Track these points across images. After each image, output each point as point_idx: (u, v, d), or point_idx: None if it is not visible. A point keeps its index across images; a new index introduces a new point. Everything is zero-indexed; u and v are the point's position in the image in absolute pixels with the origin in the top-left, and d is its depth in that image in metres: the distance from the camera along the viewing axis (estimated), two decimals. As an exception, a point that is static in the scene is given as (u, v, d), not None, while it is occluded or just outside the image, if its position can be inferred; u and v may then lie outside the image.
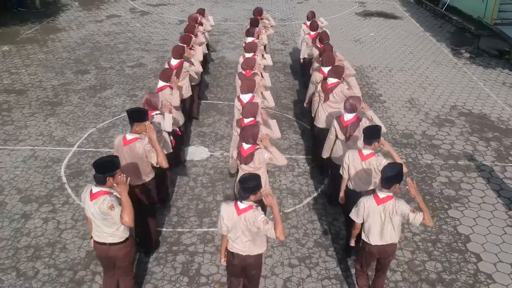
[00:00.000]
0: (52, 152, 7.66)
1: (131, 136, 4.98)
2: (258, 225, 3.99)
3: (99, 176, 4.05)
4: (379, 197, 4.36)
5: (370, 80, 10.94)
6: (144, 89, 10.03)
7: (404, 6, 18.05)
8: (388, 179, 4.27)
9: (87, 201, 4.15)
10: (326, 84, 6.68)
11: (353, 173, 5.24)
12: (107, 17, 15.26)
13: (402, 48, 13.22)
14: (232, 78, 10.79)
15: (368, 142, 5.08)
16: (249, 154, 4.98)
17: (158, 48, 12.56)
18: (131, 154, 4.98)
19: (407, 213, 4.22)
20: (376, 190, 4.46)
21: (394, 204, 4.29)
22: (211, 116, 9.01)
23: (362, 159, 5.12)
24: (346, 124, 5.81)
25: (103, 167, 4.04)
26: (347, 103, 5.80)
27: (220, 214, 4.18)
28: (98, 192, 4.08)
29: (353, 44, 13.50)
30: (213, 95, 9.93)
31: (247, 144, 5.00)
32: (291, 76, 11.12)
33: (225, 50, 12.72)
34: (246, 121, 5.51)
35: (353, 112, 5.78)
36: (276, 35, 14.02)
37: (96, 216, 4.14)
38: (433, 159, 7.85)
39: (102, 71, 10.95)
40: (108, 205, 3.99)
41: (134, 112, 5.01)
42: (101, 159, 4.10)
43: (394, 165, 4.43)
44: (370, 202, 4.42)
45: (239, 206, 4.07)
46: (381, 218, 4.39)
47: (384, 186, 4.32)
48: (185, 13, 15.95)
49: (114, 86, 10.16)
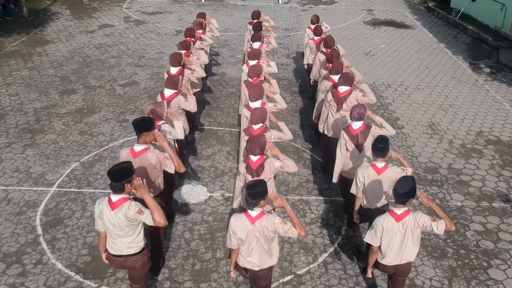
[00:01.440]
0: (28, 193, 6.67)
1: (139, 147, 4.80)
2: (275, 228, 3.99)
3: (116, 184, 3.95)
4: (397, 214, 4.20)
5: (385, 101, 9.96)
6: (136, 113, 9.04)
7: (414, 14, 17.08)
8: (403, 196, 4.14)
9: (107, 212, 4.01)
10: (337, 92, 6.44)
11: (368, 190, 5.03)
12: (99, 27, 14.27)
13: (416, 62, 12.24)
14: (234, 99, 9.82)
15: (381, 154, 4.90)
16: (259, 166, 4.82)
17: (153, 63, 11.57)
18: (142, 166, 4.79)
19: (429, 224, 4.16)
20: (390, 207, 4.28)
21: (413, 217, 4.20)
22: (210, 146, 8.03)
23: (378, 173, 4.93)
24: (355, 133, 5.61)
25: (119, 175, 3.95)
26: (354, 112, 5.60)
27: (230, 230, 4.06)
28: (119, 200, 3.98)
29: (364, 57, 12.52)
30: (213, 120, 8.95)
31: (255, 155, 4.80)
32: (298, 95, 10.14)
33: (226, 65, 11.73)
34: (256, 127, 5.40)
35: (361, 120, 5.61)
36: (280, 47, 13.04)
37: (120, 225, 4.02)
38: (463, 200, 6.88)
39: (90, 90, 9.96)
40: (136, 210, 3.93)
41: (141, 122, 4.80)
42: (115, 168, 3.99)
43: (406, 180, 4.21)
44: (388, 220, 4.23)
45: (251, 215, 4.00)
46: (401, 235, 4.24)
47: (400, 202, 4.19)
48: (182, 22, 14.98)
49: (103, 109, 9.17)
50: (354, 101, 6.31)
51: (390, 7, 17.94)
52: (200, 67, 7.61)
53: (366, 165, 5.09)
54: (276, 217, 4.04)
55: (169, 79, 6.29)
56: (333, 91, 6.52)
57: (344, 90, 6.40)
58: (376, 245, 4.34)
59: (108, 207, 4.00)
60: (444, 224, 4.14)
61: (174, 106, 6.26)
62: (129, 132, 8.31)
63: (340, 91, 6.43)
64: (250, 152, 4.79)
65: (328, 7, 17.66)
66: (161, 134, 4.92)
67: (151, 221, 3.95)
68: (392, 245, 4.27)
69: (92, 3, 17.05)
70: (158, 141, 4.80)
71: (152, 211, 3.92)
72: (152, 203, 3.96)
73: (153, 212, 3.92)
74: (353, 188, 5.17)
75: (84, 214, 6.28)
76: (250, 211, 4.01)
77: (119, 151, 5.12)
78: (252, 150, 4.76)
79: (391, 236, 4.23)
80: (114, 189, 3.98)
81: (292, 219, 4.01)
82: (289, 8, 17.31)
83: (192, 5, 17.17)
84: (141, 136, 4.76)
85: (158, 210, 3.93)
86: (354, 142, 5.63)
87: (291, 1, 18.37)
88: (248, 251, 4.12)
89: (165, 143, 4.82)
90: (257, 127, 5.40)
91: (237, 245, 4.11)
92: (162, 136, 4.88)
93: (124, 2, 17.33)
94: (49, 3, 16.83)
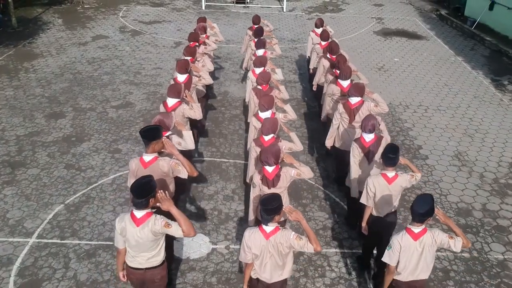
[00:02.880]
0: (2, 246, 5.76)
1: (149, 156, 4.71)
2: (290, 243, 3.92)
3: (141, 200, 3.85)
4: (415, 232, 4.11)
5: (404, 125, 9.06)
6: (130, 141, 8.14)
7: (426, 23, 16.18)
8: (423, 215, 4.00)
9: (131, 229, 3.92)
10: (349, 103, 6.32)
11: (378, 199, 4.92)
12: (92, 39, 13.35)
13: (434, 79, 11.34)
14: (238, 123, 8.93)
15: (392, 163, 4.80)
16: (275, 176, 4.74)
17: (150, 81, 10.66)
18: (154, 175, 4.37)
19: (446, 241, 4.10)
20: (408, 225, 4.18)
21: (431, 235, 4.12)
22: (212, 183, 7.12)
23: (389, 182, 4.85)
24: (368, 145, 5.51)
25: (143, 191, 3.85)
26: (368, 124, 5.46)
27: (244, 244, 3.98)
28: (144, 215, 3.91)
29: (377, 72, 11.62)
30: (215, 149, 8.04)
31: (270, 166, 4.71)
32: (310, 119, 9.24)
33: (228, 82, 10.82)
34: (267, 138, 5.32)
35: (373, 131, 5.50)
36: (286, 61, 12.16)
37: (144, 240, 3.94)
38: (505, 251, 5.98)
39: (80, 114, 9.05)
40: (163, 223, 3.88)
41: (149, 131, 4.66)
42: (138, 183, 3.87)
43: (426, 198, 4.03)
44: (405, 239, 4.12)
45: (265, 230, 3.92)
46: (418, 253, 4.14)
47: (418, 221, 4.07)
48: (182, 32, 14.07)
49: (93, 136, 8.26)
50: (367, 112, 6.18)
51: (401, 15, 17.03)
52: (207, 73, 7.46)
53: (376, 174, 4.96)
54: (291, 232, 3.95)
55: (171, 87, 6.09)
56: (344, 103, 6.36)
57: (356, 101, 6.28)
58: (393, 265, 4.21)
59: (132, 224, 3.90)
60: (461, 241, 4.10)
61: (179, 115, 6.05)
62: (121, 165, 7.41)
63: (351, 102, 6.30)
64: (266, 163, 4.69)
65: (335, 15, 16.76)
66: (169, 141, 4.85)
67: (180, 233, 3.88)
68: (408, 263, 4.18)
69: (86, 11, 16.14)
70: (167, 148, 4.73)
71: (180, 222, 3.87)
72: (179, 214, 3.90)
73: (181, 224, 3.86)
74: (364, 198, 5.02)
75: (66, 274, 5.37)
76: (265, 226, 3.91)
77: (129, 162, 4.89)
78: (267, 160, 4.67)
79: (408, 254, 4.14)
80: (139, 205, 3.87)
81: (308, 233, 3.92)
82: (294, 16, 16.41)
83: (192, 13, 16.27)
84: (150, 145, 4.66)
85: (186, 221, 3.88)
86: (365, 153, 5.52)
87: (296, 9, 17.48)
88: (262, 266, 4.06)
89: (174, 150, 4.76)
90: (268, 138, 5.33)
91: (251, 259, 4.03)
92: (171, 143, 4.82)
93: (120, 10, 16.42)
94: (40, 11, 15.92)
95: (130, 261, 4.15)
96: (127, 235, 3.96)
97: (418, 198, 4.06)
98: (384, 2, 18.92)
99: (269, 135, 5.33)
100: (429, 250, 4.14)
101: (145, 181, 3.90)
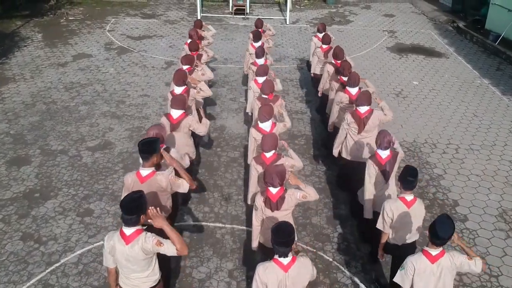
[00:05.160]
0: None
1: (146, 171, 4.49)
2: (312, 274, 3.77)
3: (131, 217, 3.64)
4: (432, 255, 3.84)
5: (434, 171, 7.63)
6: (105, 198, 6.72)
7: (443, 36, 14.75)
8: (444, 239, 3.75)
9: (120, 247, 3.69)
10: (358, 113, 6.13)
11: (397, 224, 4.66)
12: (73, 58, 11.91)
13: (461, 108, 9.91)
14: (237, 169, 7.51)
15: (411, 187, 4.54)
16: (279, 198, 4.43)
17: (134, 112, 9.23)
18: (151, 190, 4.48)
19: (466, 262, 3.89)
20: (424, 247, 3.92)
21: (450, 258, 3.87)
22: (204, 261, 5.67)
23: (408, 206, 4.59)
24: (384, 162, 5.27)
25: (135, 207, 3.65)
26: (384, 141, 5.22)
27: (259, 281, 3.62)
28: (134, 233, 3.69)
29: (395, 99, 10.20)
30: (208, 209, 6.58)
31: (275, 187, 4.40)
32: (321, 164, 7.80)
33: (225, 113, 9.38)
34: (268, 155, 5.10)
35: (389, 148, 5.27)
36: (291, 85, 10.75)
37: (135, 259, 3.72)
38: None
39: (49, 158, 7.62)
40: (154, 242, 3.67)
41: (149, 145, 4.46)
42: (128, 199, 3.67)
43: (449, 222, 3.74)
44: (421, 261, 3.85)
45: (282, 262, 3.60)
46: (435, 278, 3.87)
47: (437, 244, 3.80)
48: (174, 50, 12.64)
49: (61, 191, 6.82)
50: (377, 121, 6.13)
51: (415, 28, 15.60)
52: (205, 85, 7.20)
53: (394, 199, 4.80)
54: (309, 260, 3.75)
55: (175, 99, 5.89)
56: (353, 112, 6.16)
57: (365, 110, 6.08)
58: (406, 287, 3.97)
59: (122, 242, 3.70)
60: (481, 261, 3.93)
61: (185, 127, 5.91)
62: (91, 235, 5.98)
63: (361, 112, 6.09)
64: (270, 184, 4.39)
65: (343, 28, 15.32)
66: (167, 153, 4.69)
67: (174, 251, 3.72)
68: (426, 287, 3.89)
69: (70, 24, 14.71)
70: (168, 160, 4.59)
71: (174, 240, 3.70)
72: (172, 232, 3.73)
73: (174, 242, 3.70)
74: (380, 223, 4.75)
75: None
76: (282, 259, 3.61)
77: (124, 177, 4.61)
78: (272, 182, 4.37)
79: (424, 278, 3.88)
80: (129, 222, 3.68)
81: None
82: (299, 29, 14.97)
83: (185, 26, 14.82)
84: (149, 159, 4.47)
85: (179, 239, 3.72)
86: (382, 171, 5.27)
87: (300, 20, 16.05)
88: None
89: (174, 161, 4.63)
90: (270, 154, 5.09)
91: None
92: (170, 155, 4.67)
93: (108, 23, 14.98)
94: (20, 24, 14.49)
95: (124, 284, 3.92)
96: (116, 254, 3.76)
97: (440, 221, 3.79)
98: (395, 12, 17.50)
99: (271, 151, 5.08)
100: (447, 274, 3.92)
101: (136, 196, 3.71)
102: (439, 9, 17.68)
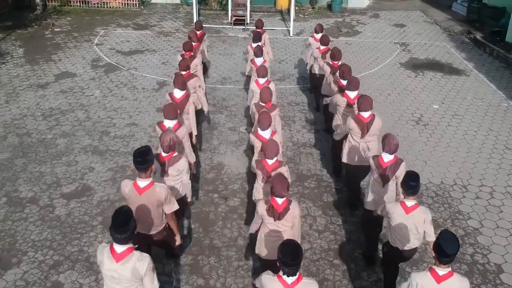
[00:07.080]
0: None
1: (144, 182, 4.42)
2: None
3: (124, 236, 3.52)
4: (439, 275, 3.67)
5: (468, 223, 6.49)
6: (78, 266, 5.56)
7: (460, 50, 13.59)
8: (451, 256, 3.62)
9: (109, 265, 3.59)
10: (361, 118, 6.06)
11: (396, 229, 4.62)
12: (56, 78, 10.75)
13: (490, 138, 8.76)
14: (237, 224, 6.37)
15: (413, 192, 4.51)
16: (284, 209, 4.38)
17: (119, 146, 8.08)
18: (149, 202, 4.44)
19: None
20: (432, 266, 3.76)
21: (459, 280, 3.69)
22: None
23: (407, 212, 4.54)
24: (385, 166, 5.22)
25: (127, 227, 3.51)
26: (391, 145, 5.16)
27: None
28: (126, 250, 3.57)
29: (415, 127, 9.05)
30: (203, 282, 5.42)
31: (281, 198, 4.35)
32: (338, 216, 6.65)
33: (224, 147, 8.23)
34: (271, 162, 5.13)
35: (395, 152, 5.24)
36: (297, 109, 9.60)
37: (122, 279, 3.60)
38: None
39: (15, 210, 6.47)
40: (150, 266, 3.64)
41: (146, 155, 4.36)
42: (118, 218, 3.52)
43: (452, 237, 3.63)
44: (426, 280, 3.68)
45: (286, 281, 3.45)
46: None
47: (445, 263, 3.67)
48: (167, 67, 11.50)
49: (25, 257, 5.66)
50: (378, 126, 6.15)
51: (428, 40, 14.44)
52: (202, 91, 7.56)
53: (395, 202, 4.77)
54: (316, 284, 3.54)
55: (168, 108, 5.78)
56: (355, 117, 6.12)
57: (368, 115, 6.07)
58: None
59: (111, 259, 3.56)
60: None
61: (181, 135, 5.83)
62: None
63: (364, 116, 6.07)
64: (279, 195, 4.33)
65: (351, 40, 14.16)
66: None
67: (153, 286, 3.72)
68: None
69: (55, 37, 13.54)
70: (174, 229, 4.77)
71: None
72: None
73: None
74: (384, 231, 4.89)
75: None
76: (286, 277, 3.43)
77: (120, 184, 4.51)
78: (281, 193, 4.32)
79: None
80: (121, 241, 3.53)
81: None
82: (303, 42, 13.78)
83: (181, 39, 13.60)
84: (148, 169, 4.39)
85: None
86: (380, 174, 5.27)
87: (304, 32, 14.88)
88: None
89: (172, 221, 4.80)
90: (272, 161, 5.16)
91: None
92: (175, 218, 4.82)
93: (96, 35, 13.81)
94: (0, 37, 13.31)
95: None
96: (103, 269, 3.64)
97: (443, 238, 3.62)
98: (405, 22, 16.34)
99: (273, 159, 5.14)
100: None
101: (129, 214, 3.56)
102: (452, 18, 16.53)
